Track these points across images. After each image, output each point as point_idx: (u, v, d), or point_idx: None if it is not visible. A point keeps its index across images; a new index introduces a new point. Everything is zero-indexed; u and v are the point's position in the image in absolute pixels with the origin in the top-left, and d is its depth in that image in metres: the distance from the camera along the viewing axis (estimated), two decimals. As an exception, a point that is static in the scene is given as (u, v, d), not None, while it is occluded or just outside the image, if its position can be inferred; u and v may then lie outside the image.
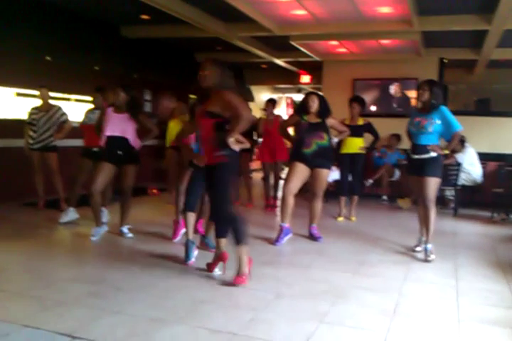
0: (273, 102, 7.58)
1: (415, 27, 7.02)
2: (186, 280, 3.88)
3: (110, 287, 3.65)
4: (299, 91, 15.30)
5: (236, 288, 3.71)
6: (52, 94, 6.86)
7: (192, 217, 4.52)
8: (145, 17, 8.14)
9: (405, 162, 5.86)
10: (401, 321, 3.19)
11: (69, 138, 6.73)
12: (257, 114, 8.48)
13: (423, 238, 4.96)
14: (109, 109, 5.19)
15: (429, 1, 6.38)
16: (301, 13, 6.91)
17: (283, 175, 6.67)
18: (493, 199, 7.43)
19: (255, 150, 8.11)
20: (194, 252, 4.42)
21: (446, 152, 5.00)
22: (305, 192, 6.02)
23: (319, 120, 5.35)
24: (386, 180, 8.43)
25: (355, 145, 6.65)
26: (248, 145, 3.95)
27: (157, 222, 6.04)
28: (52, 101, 6.75)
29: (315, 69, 11.10)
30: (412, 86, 8.88)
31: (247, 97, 11.66)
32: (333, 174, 7.07)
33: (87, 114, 6.11)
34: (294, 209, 5.36)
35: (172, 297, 3.49)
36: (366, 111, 7.52)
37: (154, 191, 8.64)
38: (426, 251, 4.76)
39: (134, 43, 9.39)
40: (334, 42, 8.56)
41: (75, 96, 8.51)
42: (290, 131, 5.97)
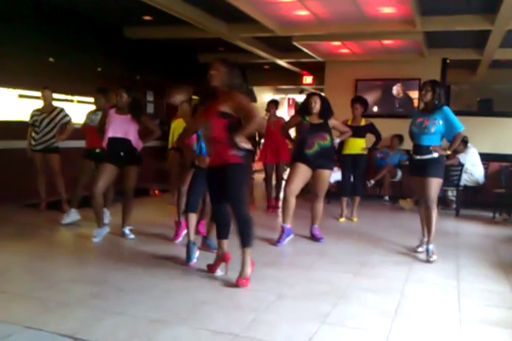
0: (275, 103, 7.58)
1: (418, 27, 7.00)
2: (188, 282, 3.88)
3: (112, 288, 3.66)
4: (302, 92, 15.27)
5: (237, 289, 3.71)
6: (54, 95, 6.87)
7: (193, 218, 4.52)
8: (147, 18, 8.15)
9: (407, 162, 5.85)
10: (402, 322, 3.18)
11: (71, 140, 6.74)
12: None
13: (425, 239, 4.95)
14: (112, 111, 5.20)
15: (432, 1, 6.36)
16: (303, 13, 6.91)
17: (285, 176, 6.66)
18: (495, 199, 7.42)
19: (257, 151, 8.10)
20: (195, 253, 4.42)
21: (449, 152, 4.99)
22: (307, 193, 6.02)
23: (321, 121, 5.35)
24: (388, 180, 8.42)
25: (357, 146, 6.65)
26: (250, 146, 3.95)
27: (159, 223, 6.05)
28: (54, 103, 6.77)
29: (317, 69, 11.08)
30: (414, 86, 8.87)
31: (251, 98, 11.63)
32: (335, 175, 7.07)
33: (90, 115, 6.13)
34: (295, 210, 5.36)
35: (173, 298, 3.49)
36: (368, 111, 7.51)
37: (156, 192, 8.65)
38: (428, 251, 4.75)
39: (136, 44, 9.40)
40: (336, 43, 8.55)
41: (77, 98, 8.53)
42: (292, 131, 5.97)
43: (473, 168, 7.72)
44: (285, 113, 15.91)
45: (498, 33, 7.19)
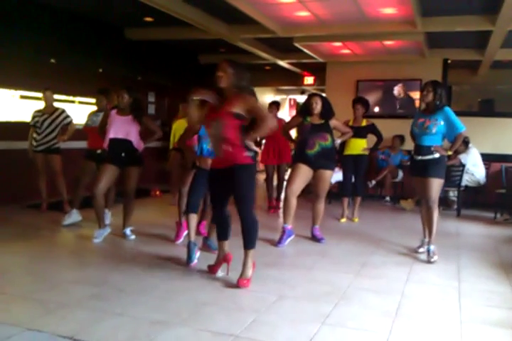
0: (277, 105, 7.56)
1: (419, 28, 7.00)
2: (189, 282, 3.88)
3: (112, 289, 3.66)
4: (303, 92, 15.27)
5: (238, 290, 3.71)
6: (56, 96, 6.88)
7: (194, 219, 4.53)
8: (149, 19, 8.15)
9: (408, 163, 5.85)
10: (403, 322, 3.18)
11: (72, 141, 6.76)
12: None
13: (426, 239, 4.94)
14: (113, 111, 5.20)
15: (433, 1, 6.35)
16: (304, 14, 6.90)
17: (286, 177, 6.67)
18: (497, 200, 7.42)
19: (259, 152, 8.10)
20: (196, 254, 4.43)
21: (450, 153, 4.99)
22: (308, 194, 6.02)
23: (322, 121, 5.36)
24: (389, 181, 8.42)
25: (359, 147, 6.65)
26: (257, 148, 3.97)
27: (160, 224, 6.05)
28: (56, 104, 6.78)
29: (318, 70, 11.08)
30: (415, 87, 8.86)
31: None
32: (336, 175, 7.07)
33: (91, 116, 6.14)
34: (296, 211, 5.36)
35: (174, 299, 3.49)
36: (370, 112, 7.50)
37: (157, 193, 8.65)
38: (429, 252, 4.75)
39: (137, 45, 9.41)
40: (337, 44, 8.55)
41: (78, 99, 8.55)
42: (293, 132, 5.97)
43: (474, 169, 7.71)
44: (286, 114, 15.91)
45: (499, 34, 7.18)
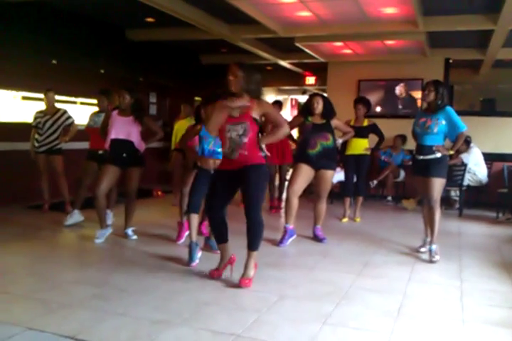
0: (279, 104, 7.56)
1: (420, 27, 6.99)
2: (190, 282, 3.88)
3: (114, 289, 3.66)
4: (304, 92, 15.27)
5: (240, 290, 3.71)
6: (57, 97, 6.89)
7: (195, 219, 4.53)
8: (150, 20, 8.16)
9: (410, 163, 5.84)
10: (405, 322, 3.18)
11: (74, 141, 6.77)
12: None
13: (428, 239, 4.94)
14: (114, 112, 5.21)
15: (434, 1, 6.35)
16: (305, 14, 6.90)
17: (288, 177, 6.66)
18: (499, 199, 7.40)
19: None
20: (198, 254, 4.43)
21: (452, 152, 4.98)
22: (309, 194, 6.01)
23: (324, 121, 5.36)
24: (391, 180, 8.42)
25: (360, 147, 6.65)
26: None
27: (161, 224, 6.05)
28: (57, 105, 6.80)
29: (320, 70, 11.08)
30: (417, 86, 8.84)
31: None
32: (338, 175, 7.06)
33: (92, 117, 6.15)
34: (298, 211, 5.35)
35: (176, 299, 3.49)
36: (371, 112, 7.50)
37: (159, 193, 8.66)
38: (430, 251, 4.74)
39: (139, 46, 9.42)
40: (339, 44, 8.54)
41: (80, 100, 8.56)
42: (294, 132, 5.96)
43: (476, 168, 7.70)
44: (288, 113, 15.92)
45: (500, 33, 7.17)
